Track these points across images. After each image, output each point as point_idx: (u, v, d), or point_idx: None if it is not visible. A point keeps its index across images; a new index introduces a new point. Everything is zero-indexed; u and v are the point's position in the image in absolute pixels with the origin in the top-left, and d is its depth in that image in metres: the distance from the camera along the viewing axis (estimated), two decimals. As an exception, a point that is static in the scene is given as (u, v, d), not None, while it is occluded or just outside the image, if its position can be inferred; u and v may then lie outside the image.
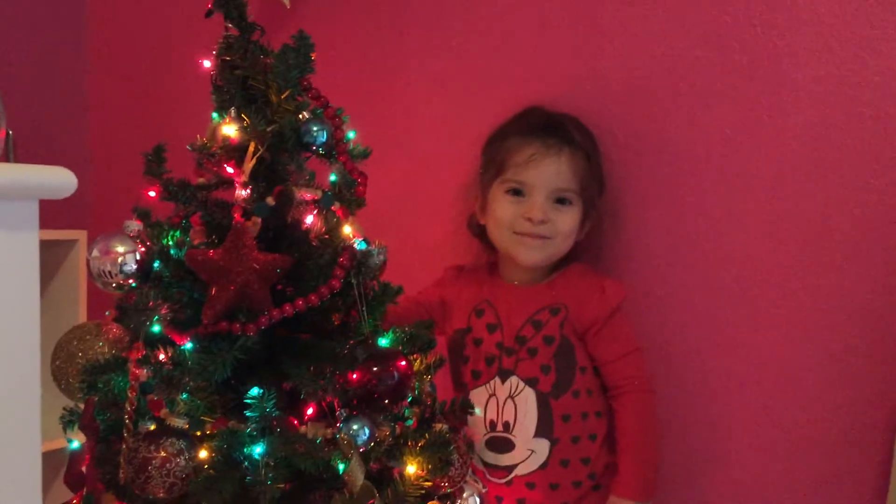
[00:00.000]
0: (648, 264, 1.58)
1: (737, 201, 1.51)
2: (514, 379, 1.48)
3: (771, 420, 1.51)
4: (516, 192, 1.49)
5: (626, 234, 1.60)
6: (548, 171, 1.47)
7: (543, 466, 1.46)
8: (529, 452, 1.47)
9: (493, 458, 1.49)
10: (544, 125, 1.51)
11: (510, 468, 1.48)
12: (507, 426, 1.48)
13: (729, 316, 1.53)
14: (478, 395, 1.49)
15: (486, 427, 1.49)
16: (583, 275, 1.53)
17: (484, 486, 1.41)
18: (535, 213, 1.46)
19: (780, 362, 1.50)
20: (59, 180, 0.81)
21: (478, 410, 1.47)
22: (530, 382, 1.47)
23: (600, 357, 1.49)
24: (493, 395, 1.49)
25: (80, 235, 1.80)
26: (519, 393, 1.47)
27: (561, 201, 1.48)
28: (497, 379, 1.49)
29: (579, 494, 1.48)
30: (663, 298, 1.58)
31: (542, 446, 1.46)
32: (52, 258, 1.81)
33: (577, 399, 1.47)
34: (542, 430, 1.46)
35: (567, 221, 1.49)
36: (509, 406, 1.47)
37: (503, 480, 1.49)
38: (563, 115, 1.54)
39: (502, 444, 1.48)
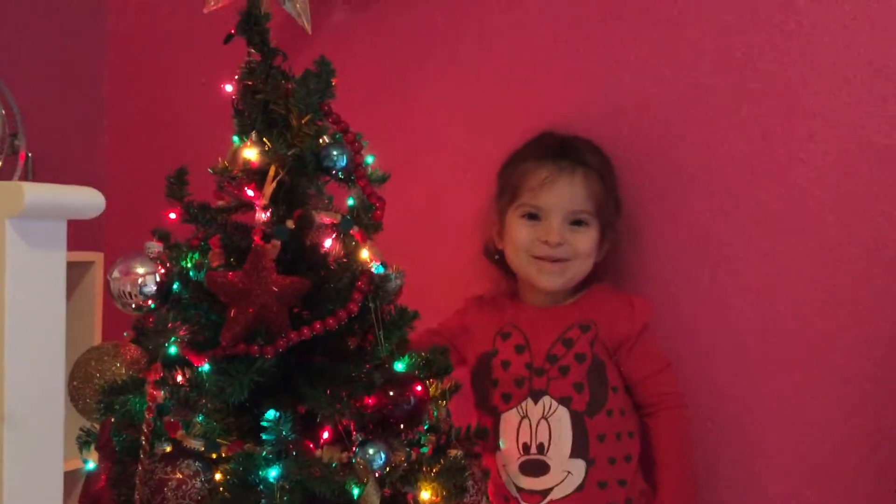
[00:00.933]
0: (666, 285, 1.58)
1: (750, 227, 1.52)
2: (546, 399, 1.45)
3: (790, 443, 1.50)
4: (532, 217, 1.49)
5: (644, 255, 1.60)
6: (562, 194, 1.47)
7: (580, 489, 1.43)
8: (566, 474, 1.43)
9: (528, 482, 1.45)
10: (557, 148, 1.52)
11: (545, 492, 1.44)
12: (541, 448, 1.44)
13: (747, 336, 1.53)
14: (509, 419, 1.47)
15: (519, 450, 1.45)
16: (608, 293, 1.53)
17: None
18: (551, 237, 1.46)
19: (798, 383, 1.49)
20: (88, 200, 0.82)
21: (502, 443, 1.46)
22: (564, 402, 1.44)
23: (632, 374, 1.48)
24: (526, 416, 1.46)
25: (97, 257, 1.81)
26: (552, 413, 1.44)
27: (577, 223, 1.48)
28: (529, 400, 1.46)
29: None
30: (681, 319, 1.57)
31: (579, 467, 1.43)
32: (68, 280, 1.80)
33: (610, 418, 1.45)
34: (578, 450, 1.43)
35: (584, 242, 1.48)
36: (543, 427, 1.44)
37: None
38: (575, 137, 1.55)
39: (537, 467, 1.44)
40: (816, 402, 1.48)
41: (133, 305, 1.14)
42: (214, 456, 1.12)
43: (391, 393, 1.14)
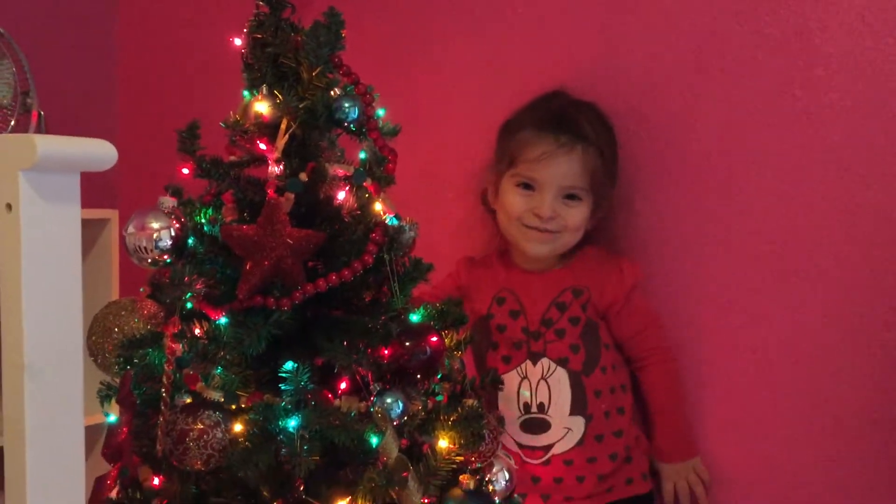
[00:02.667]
0: (662, 250, 1.59)
1: (768, 180, 1.50)
2: (545, 360, 1.49)
3: (787, 406, 1.51)
4: (527, 186, 1.50)
5: (638, 220, 1.61)
6: (558, 170, 1.48)
7: (580, 443, 1.49)
8: (566, 431, 1.49)
9: (529, 439, 1.51)
10: (558, 119, 1.50)
11: (547, 448, 1.50)
12: (541, 407, 1.49)
13: (755, 297, 1.53)
14: (510, 380, 1.51)
15: (520, 410, 1.50)
16: (599, 257, 1.56)
17: (515, 464, 1.41)
18: (543, 210, 1.47)
19: (796, 351, 1.49)
20: (101, 152, 0.82)
21: (512, 402, 1.50)
22: (561, 362, 1.49)
23: (622, 333, 1.53)
24: (526, 377, 1.51)
25: (112, 215, 1.82)
26: (551, 374, 1.49)
27: (570, 196, 1.49)
28: (528, 361, 1.51)
29: (614, 467, 1.50)
30: (676, 285, 1.58)
31: (578, 423, 1.49)
32: (84, 237, 1.81)
33: (605, 374, 1.50)
34: (577, 407, 1.48)
35: (575, 216, 1.50)
36: (543, 387, 1.49)
37: (540, 461, 1.50)
38: (580, 105, 1.53)
39: (539, 425, 1.50)
40: (819, 361, 1.48)
41: (149, 260, 1.14)
42: (234, 407, 1.13)
43: (407, 343, 1.15)
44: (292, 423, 1.09)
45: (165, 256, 1.14)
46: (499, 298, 1.55)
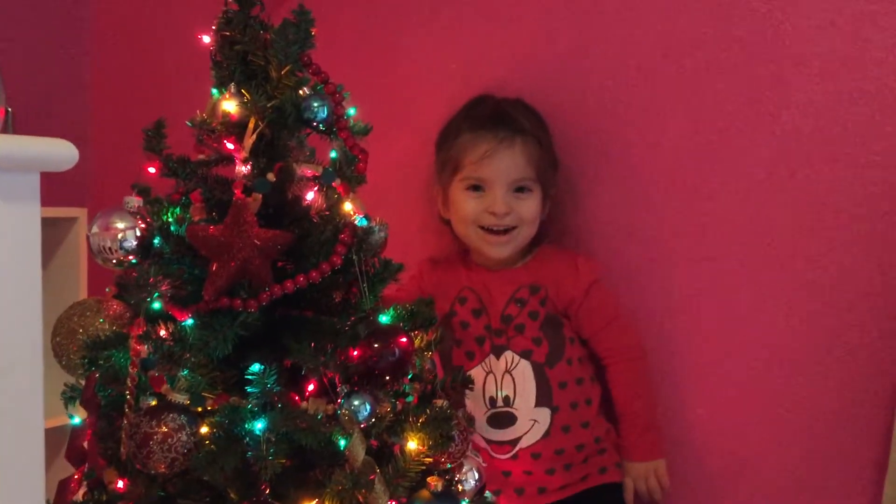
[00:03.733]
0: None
1: (738, 177, 1.51)
2: (508, 354, 1.51)
3: (770, 397, 1.52)
4: (476, 188, 1.52)
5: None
6: (503, 164, 1.49)
7: (546, 435, 1.49)
8: (532, 423, 1.49)
9: (496, 434, 1.51)
10: (492, 117, 1.53)
11: (514, 441, 1.50)
12: (507, 400, 1.50)
13: (728, 293, 1.54)
14: (475, 375, 1.50)
15: (485, 404, 1.51)
16: (555, 255, 1.57)
17: (484, 461, 1.41)
18: (497, 207, 1.49)
19: (780, 340, 1.50)
20: (61, 152, 0.81)
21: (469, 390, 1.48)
22: (525, 355, 1.50)
23: (582, 332, 1.54)
24: (491, 372, 1.51)
25: (80, 213, 1.80)
26: (515, 366, 1.50)
27: (520, 189, 1.51)
28: (492, 356, 1.52)
29: (584, 456, 1.51)
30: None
31: (544, 415, 1.49)
32: (52, 236, 1.80)
33: (570, 366, 1.51)
34: (542, 399, 1.49)
35: (529, 208, 1.51)
36: (507, 380, 1.50)
37: (508, 455, 1.50)
38: (509, 101, 1.56)
39: (505, 419, 1.50)
40: (792, 350, 1.49)
41: (114, 261, 1.13)
42: (200, 409, 1.12)
43: (376, 345, 1.13)
44: (258, 425, 1.08)
45: (130, 257, 1.13)
46: (461, 298, 1.56)
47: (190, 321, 1.11)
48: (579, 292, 1.52)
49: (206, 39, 1.23)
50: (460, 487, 1.29)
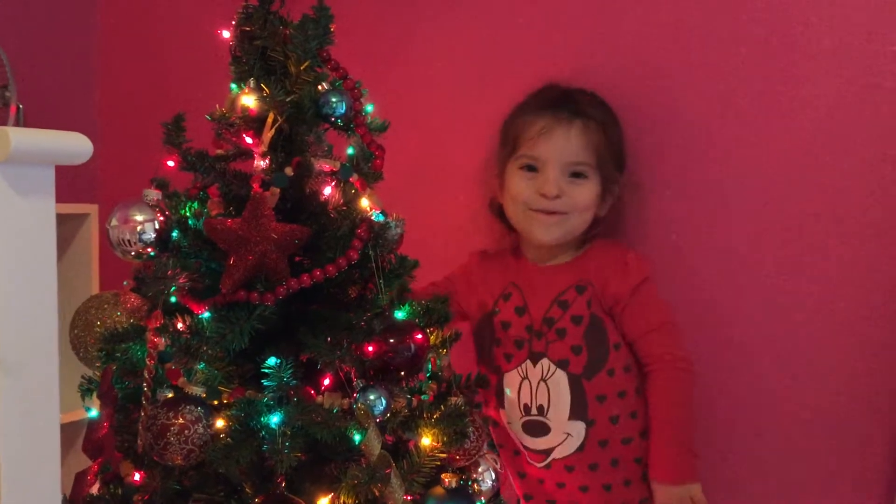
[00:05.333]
0: (671, 239, 1.58)
1: (752, 174, 1.50)
2: (545, 361, 1.45)
3: (784, 392, 1.51)
4: (530, 168, 1.47)
5: (649, 209, 1.59)
6: (559, 144, 1.44)
7: (581, 449, 1.43)
8: (565, 436, 1.44)
9: (531, 441, 1.47)
10: (557, 99, 1.49)
11: (548, 451, 1.46)
12: (541, 409, 1.45)
13: (749, 288, 1.52)
14: (511, 379, 1.48)
15: (520, 410, 1.46)
16: (607, 250, 1.50)
17: (501, 466, 1.38)
18: (548, 188, 1.43)
19: (793, 334, 1.50)
20: (76, 146, 0.81)
21: (508, 391, 1.47)
22: (561, 365, 1.44)
23: (628, 333, 1.45)
24: (526, 378, 1.46)
25: (92, 209, 1.80)
26: (551, 376, 1.44)
27: (576, 175, 1.46)
28: (528, 362, 1.46)
29: (624, 477, 1.44)
30: (686, 273, 1.57)
31: (578, 429, 1.43)
32: (63, 232, 1.81)
33: (612, 378, 1.43)
34: (577, 412, 1.43)
35: (583, 194, 1.45)
36: (542, 389, 1.45)
37: (542, 464, 1.47)
38: (579, 90, 1.52)
39: (538, 428, 1.46)
40: (821, 347, 1.48)
41: (132, 253, 1.13)
42: (216, 402, 1.12)
43: (391, 340, 1.14)
44: (274, 419, 1.08)
45: (149, 249, 1.14)
46: (505, 294, 1.51)
47: (207, 314, 1.12)
48: (626, 291, 1.43)
49: (226, 35, 1.24)
50: (476, 487, 1.29)
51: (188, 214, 1.18)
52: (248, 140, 1.17)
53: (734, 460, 1.55)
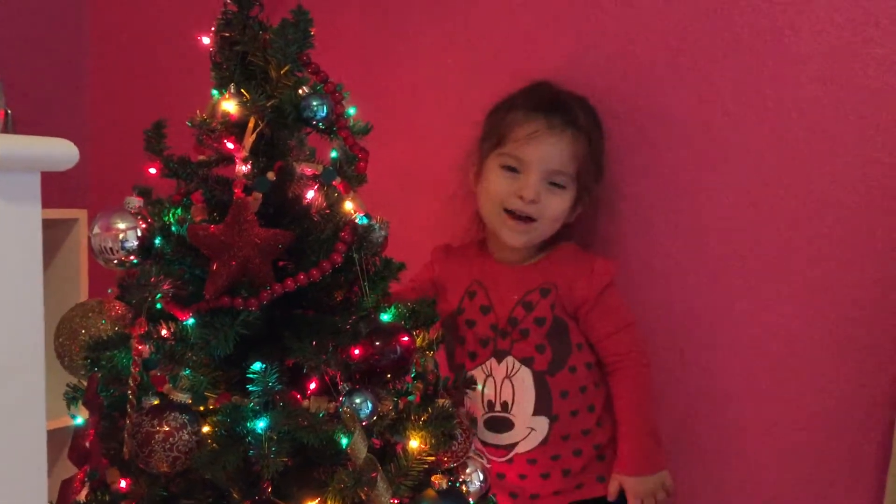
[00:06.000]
0: (645, 240, 1.59)
1: (738, 176, 1.51)
2: (509, 359, 1.48)
3: (771, 394, 1.51)
4: (512, 169, 1.48)
5: (623, 209, 1.60)
6: (547, 151, 1.45)
7: (544, 443, 1.47)
8: (529, 430, 1.47)
9: (492, 437, 1.49)
10: (550, 103, 1.49)
11: (510, 447, 1.48)
12: (505, 406, 1.48)
13: (727, 291, 1.53)
14: (476, 377, 1.47)
15: (484, 407, 1.49)
16: (572, 255, 1.53)
17: (488, 462, 1.40)
18: (527, 192, 1.45)
19: (781, 337, 1.50)
20: (61, 151, 0.81)
21: (479, 386, 1.48)
22: (526, 362, 1.47)
23: (592, 334, 1.49)
24: (490, 375, 1.49)
25: (81, 214, 1.80)
26: (515, 373, 1.47)
27: (554, 184, 1.47)
28: (493, 359, 1.49)
29: (582, 464, 1.48)
30: (660, 274, 1.58)
31: (542, 424, 1.46)
32: (52, 237, 1.80)
33: (574, 374, 1.47)
34: (541, 407, 1.46)
35: (556, 206, 1.47)
36: (507, 386, 1.47)
37: (504, 459, 1.49)
38: (572, 94, 1.53)
39: (501, 424, 1.48)
40: (803, 349, 1.49)
41: (115, 261, 1.13)
42: (202, 408, 1.12)
43: (377, 343, 1.14)
44: (260, 424, 1.08)
45: (132, 257, 1.14)
46: (470, 292, 1.53)
47: (191, 321, 1.12)
48: (592, 294, 1.47)
49: (206, 41, 1.24)
50: (465, 489, 1.29)
51: (171, 221, 1.18)
52: (230, 145, 1.17)
53: (723, 463, 1.56)
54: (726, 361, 1.54)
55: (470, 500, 1.29)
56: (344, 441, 1.10)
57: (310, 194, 1.20)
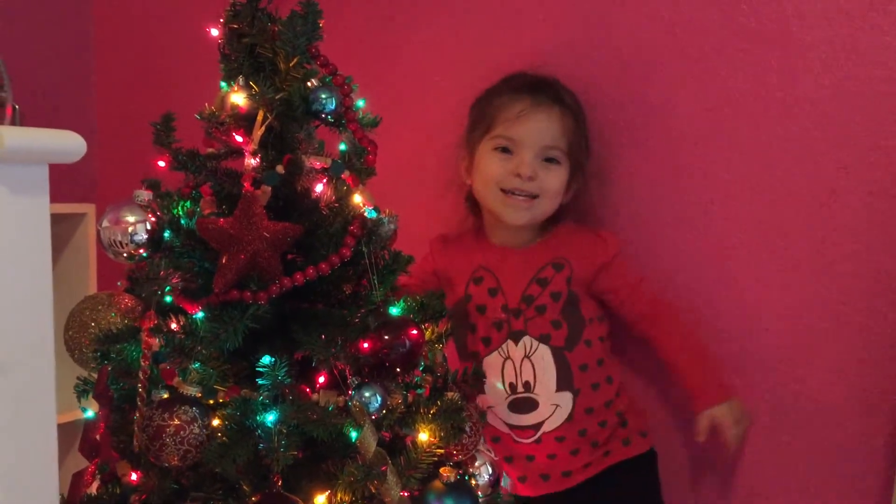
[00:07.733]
0: (648, 230, 1.59)
1: (744, 164, 1.50)
2: (526, 339, 1.48)
3: (777, 383, 1.51)
4: (505, 150, 1.49)
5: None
6: (537, 127, 1.47)
7: (569, 419, 1.48)
8: (554, 407, 1.48)
9: (518, 419, 1.49)
10: (534, 84, 1.51)
11: (537, 426, 1.49)
12: (527, 386, 1.48)
13: (732, 281, 1.53)
14: (493, 361, 1.49)
15: (506, 390, 1.49)
16: (576, 231, 1.55)
17: (496, 455, 1.40)
18: (523, 169, 1.46)
19: (785, 323, 1.49)
20: (68, 144, 0.81)
21: (498, 384, 1.49)
22: (543, 339, 1.48)
23: (619, 291, 1.51)
24: (509, 357, 1.49)
25: (89, 209, 1.80)
26: (534, 351, 1.48)
27: (549, 160, 1.49)
28: (509, 341, 1.49)
29: (608, 434, 1.50)
30: (652, 257, 1.58)
31: (566, 399, 1.48)
32: (60, 232, 1.81)
33: (590, 348, 1.49)
34: (563, 383, 1.47)
35: (554, 180, 1.49)
36: (527, 366, 1.48)
37: (531, 440, 1.50)
38: (549, 77, 1.55)
39: (526, 405, 1.49)
40: (807, 337, 1.48)
41: (124, 254, 1.13)
42: (212, 402, 1.12)
43: (386, 336, 1.13)
44: (270, 417, 1.08)
45: (141, 250, 1.14)
46: (476, 278, 1.53)
47: (201, 314, 1.11)
48: (608, 256, 1.50)
49: (215, 33, 1.23)
50: (474, 482, 1.29)
51: (180, 214, 1.17)
52: (239, 138, 1.17)
53: (731, 460, 1.55)
54: (734, 358, 1.53)
55: (479, 493, 1.29)
56: (353, 434, 1.10)
57: (319, 187, 1.20)
